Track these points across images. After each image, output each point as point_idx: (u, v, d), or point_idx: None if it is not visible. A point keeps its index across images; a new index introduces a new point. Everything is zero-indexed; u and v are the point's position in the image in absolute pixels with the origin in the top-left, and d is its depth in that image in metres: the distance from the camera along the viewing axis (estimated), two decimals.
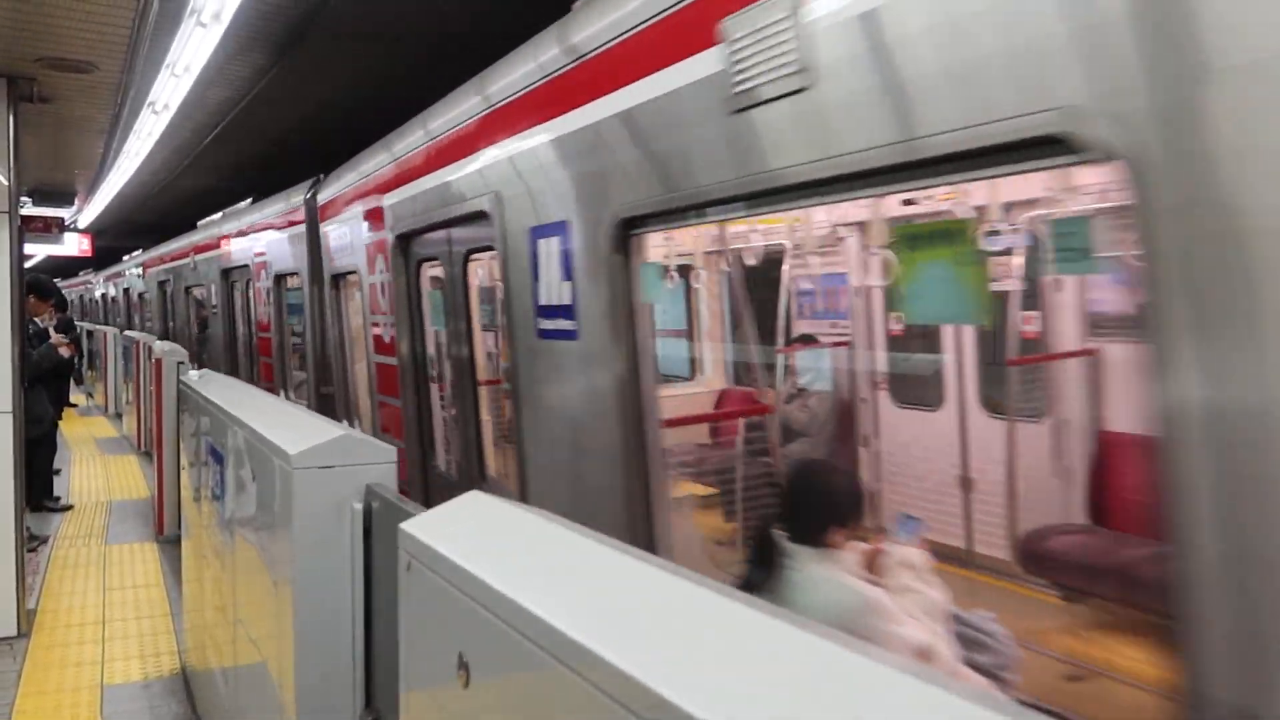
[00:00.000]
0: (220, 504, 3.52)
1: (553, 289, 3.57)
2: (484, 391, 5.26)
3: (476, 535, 1.69)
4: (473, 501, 1.87)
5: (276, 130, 9.41)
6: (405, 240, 5.34)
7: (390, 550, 1.91)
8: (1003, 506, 4.95)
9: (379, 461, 2.43)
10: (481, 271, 5.46)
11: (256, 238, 8.93)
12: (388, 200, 5.44)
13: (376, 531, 2.32)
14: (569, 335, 3.49)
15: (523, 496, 3.90)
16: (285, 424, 2.87)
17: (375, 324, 5.92)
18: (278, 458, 2.53)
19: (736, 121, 2.52)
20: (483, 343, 5.38)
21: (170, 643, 5.22)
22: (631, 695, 1.03)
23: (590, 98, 3.22)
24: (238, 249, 9.76)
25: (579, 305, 3.40)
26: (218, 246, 10.75)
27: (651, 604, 1.27)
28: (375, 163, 5.71)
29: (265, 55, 6.80)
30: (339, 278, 6.79)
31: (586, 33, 3.26)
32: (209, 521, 3.80)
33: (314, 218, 7.15)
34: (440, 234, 4.92)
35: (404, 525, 1.79)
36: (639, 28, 2.96)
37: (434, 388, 5.54)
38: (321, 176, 7.12)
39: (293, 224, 7.75)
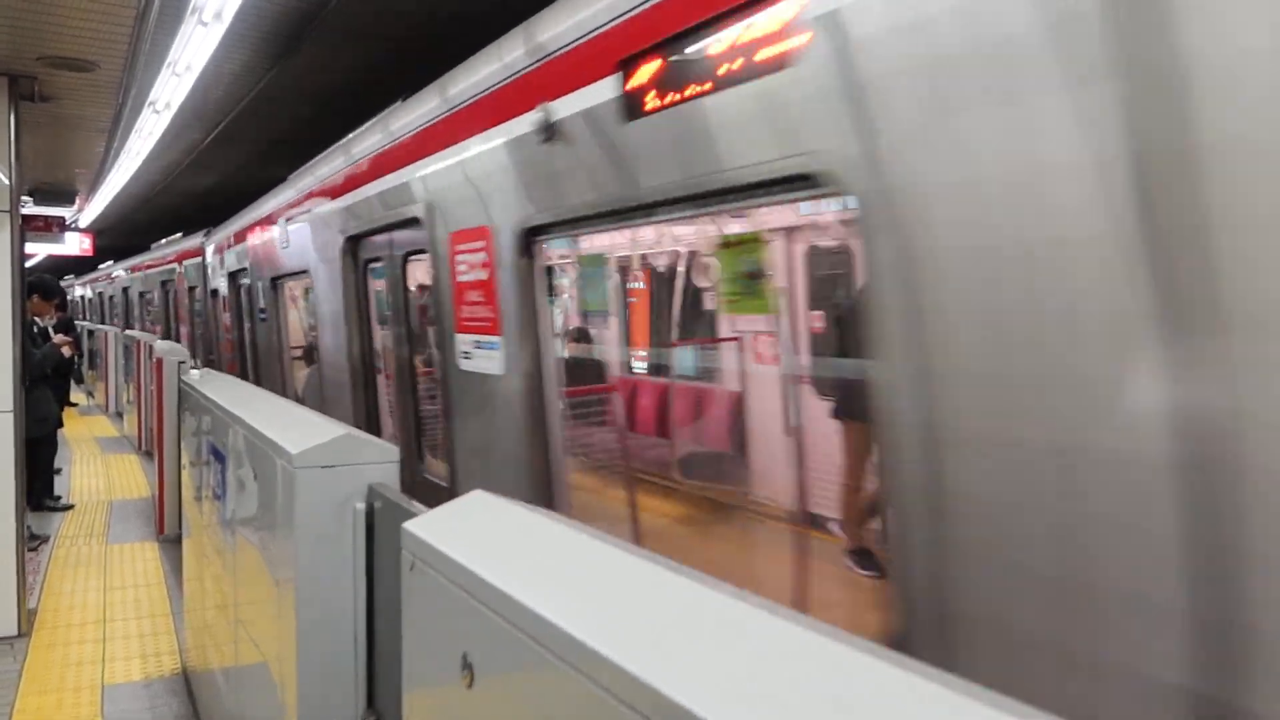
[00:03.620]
0: (221, 503, 3.52)
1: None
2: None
3: (480, 535, 1.68)
4: (477, 501, 1.87)
5: (278, 129, 9.41)
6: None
7: (392, 550, 1.91)
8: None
9: (381, 461, 2.42)
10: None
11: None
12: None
13: (379, 531, 2.31)
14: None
15: (451, 468, 4.66)
16: (287, 423, 2.86)
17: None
18: (279, 457, 2.53)
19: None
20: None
21: (171, 642, 5.21)
22: (637, 697, 1.02)
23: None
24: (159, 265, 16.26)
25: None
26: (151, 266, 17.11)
27: (657, 604, 1.26)
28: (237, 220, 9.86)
29: (266, 54, 6.80)
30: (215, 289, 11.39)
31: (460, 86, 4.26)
32: (210, 521, 3.80)
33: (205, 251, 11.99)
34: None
35: (407, 525, 1.78)
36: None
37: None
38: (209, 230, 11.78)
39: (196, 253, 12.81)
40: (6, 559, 5.30)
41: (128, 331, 13.96)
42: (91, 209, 13.77)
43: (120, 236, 19.34)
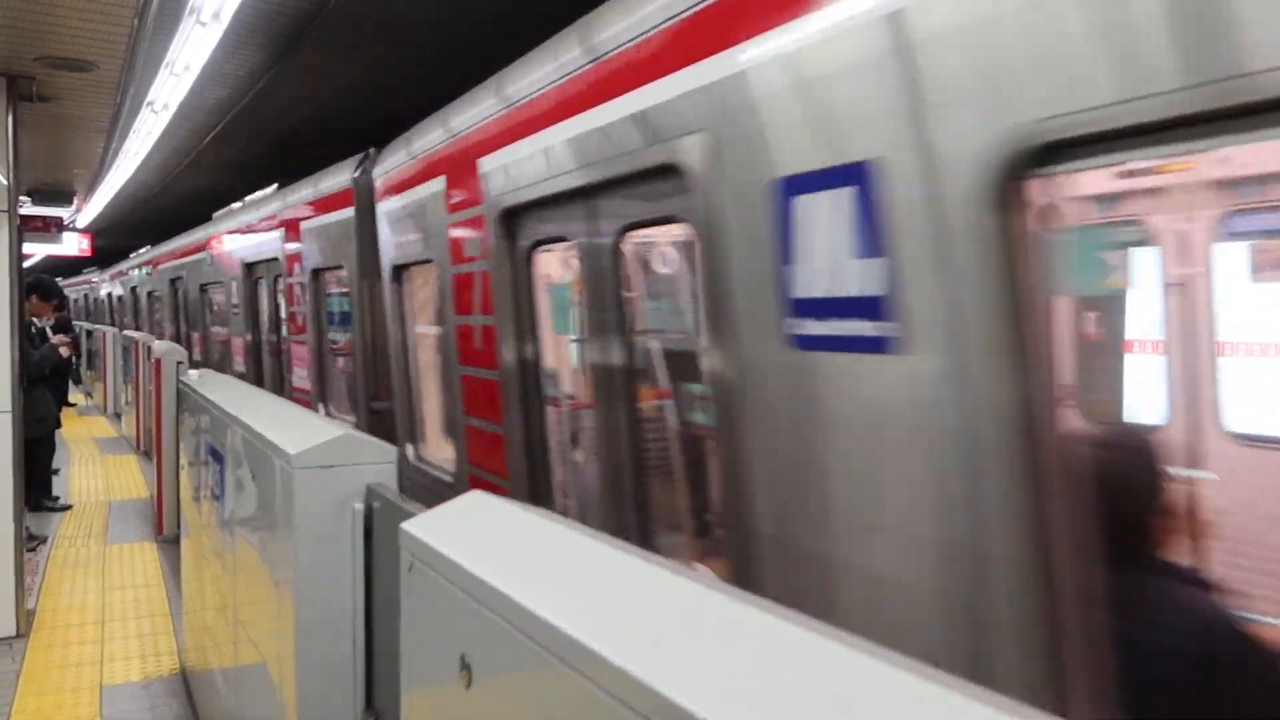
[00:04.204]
0: (220, 504, 3.52)
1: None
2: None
3: (479, 535, 1.68)
4: (475, 501, 1.87)
5: (277, 130, 9.40)
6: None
7: (391, 550, 1.91)
8: None
9: (380, 461, 2.42)
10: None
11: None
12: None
13: (377, 531, 2.31)
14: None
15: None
16: (285, 423, 2.86)
17: None
18: (278, 457, 2.53)
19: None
20: None
21: (170, 643, 5.21)
22: (636, 697, 1.02)
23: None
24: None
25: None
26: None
27: (655, 604, 1.26)
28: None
29: (265, 54, 6.80)
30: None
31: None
32: (209, 521, 3.80)
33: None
34: None
35: (405, 525, 1.78)
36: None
37: None
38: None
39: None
40: (5, 560, 5.29)
41: (126, 333, 13.95)
42: (90, 209, 13.76)
43: (118, 237, 19.33)
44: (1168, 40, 1.49)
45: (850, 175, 2.09)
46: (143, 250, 17.40)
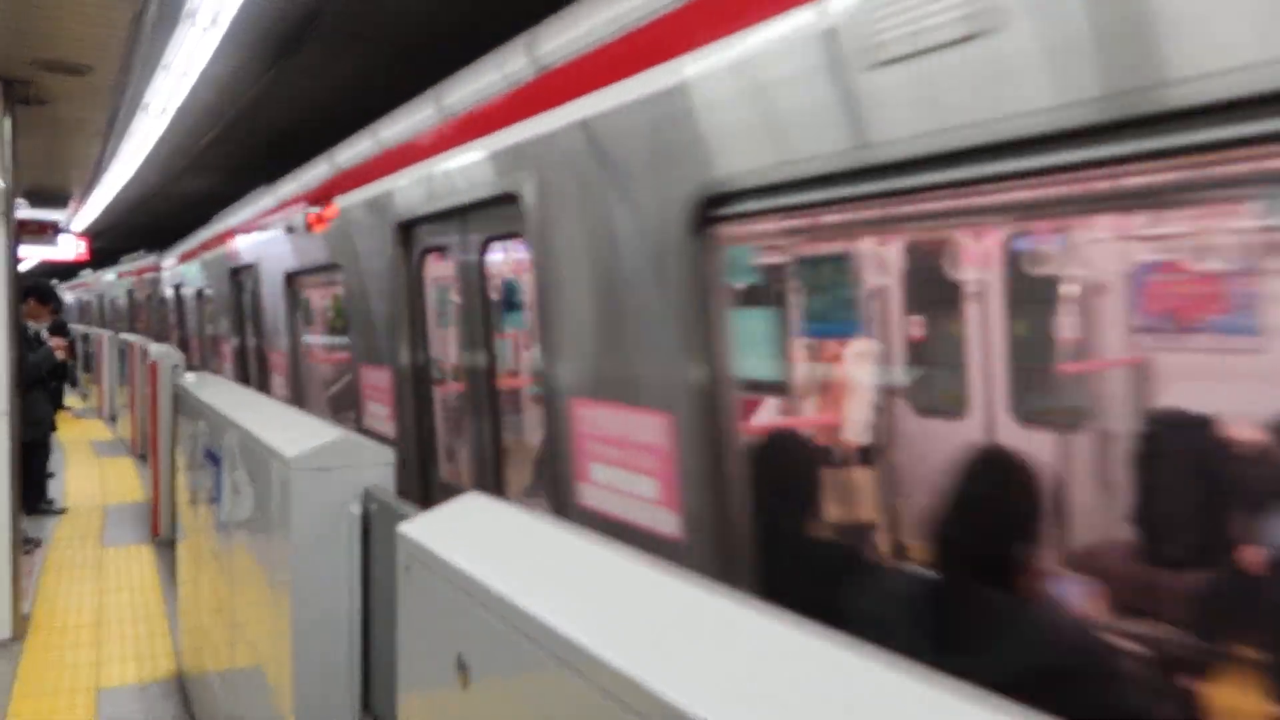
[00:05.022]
0: (217, 507, 3.52)
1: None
2: None
3: (475, 537, 1.69)
4: (472, 503, 1.87)
5: (275, 133, 9.41)
6: None
7: (388, 552, 1.91)
8: None
9: (377, 464, 2.43)
10: None
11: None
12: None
13: (374, 534, 2.31)
14: None
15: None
16: (282, 426, 2.87)
17: None
18: (275, 460, 2.53)
19: None
20: None
21: (166, 645, 5.21)
22: (632, 697, 1.03)
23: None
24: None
25: None
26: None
27: (651, 606, 1.27)
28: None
29: (263, 58, 6.81)
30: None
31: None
32: (206, 524, 3.80)
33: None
34: None
35: (402, 527, 1.79)
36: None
37: None
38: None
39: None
40: (0, 563, 5.29)
41: (123, 335, 13.94)
42: (86, 212, 13.75)
43: (115, 240, 19.32)
44: None
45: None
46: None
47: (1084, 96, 1.59)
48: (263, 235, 7.42)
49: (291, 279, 6.83)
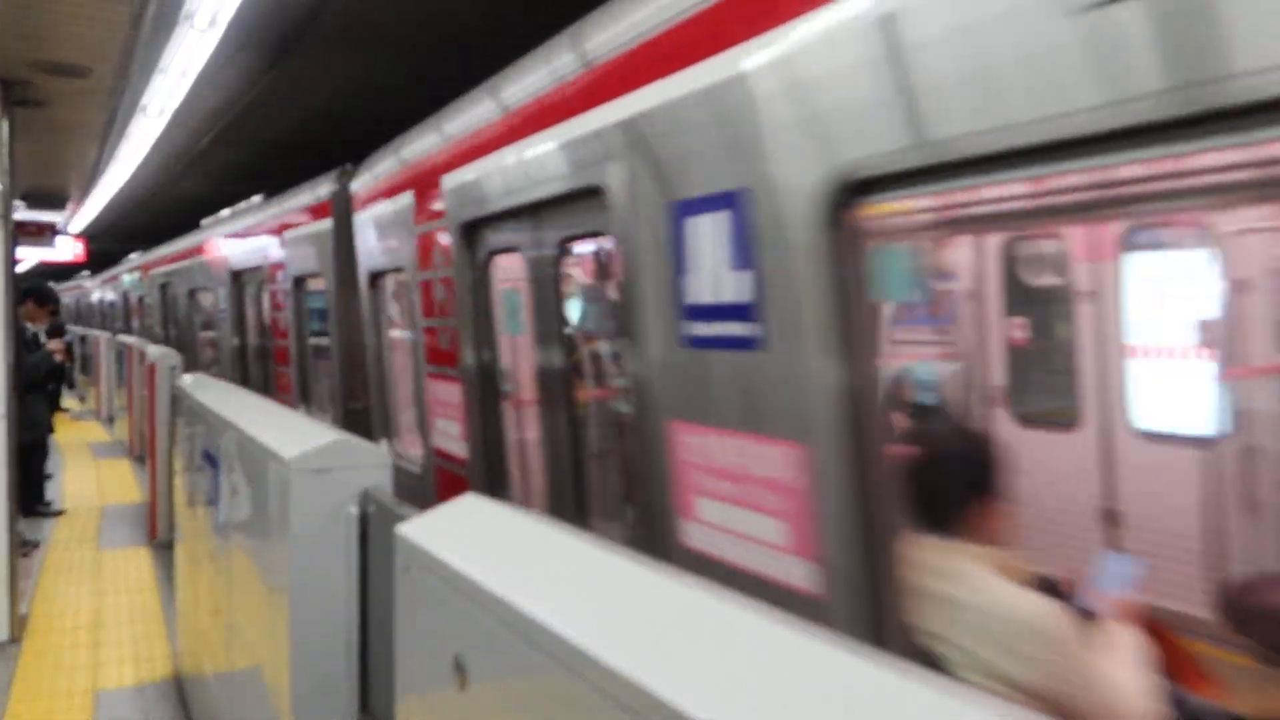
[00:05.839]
0: (215, 508, 3.52)
1: None
2: None
3: (473, 538, 1.69)
4: (470, 505, 1.87)
5: (273, 134, 9.41)
6: None
7: (386, 554, 1.91)
8: None
9: (375, 465, 2.43)
10: None
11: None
12: None
13: (372, 535, 2.31)
14: None
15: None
16: (280, 427, 2.87)
17: None
18: (274, 461, 2.53)
19: None
20: None
21: (164, 647, 5.20)
22: (630, 698, 1.03)
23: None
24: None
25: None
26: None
27: (649, 607, 1.27)
28: None
29: (261, 59, 6.81)
30: None
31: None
32: (203, 526, 3.80)
33: None
34: None
35: (400, 529, 1.79)
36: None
37: None
38: None
39: None
40: None
41: (120, 337, 13.93)
42: (84, 214, 13.74)
43: (113, 241, 19.31)
44: None
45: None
46: None
47: None
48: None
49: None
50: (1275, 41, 1.38)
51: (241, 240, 9.13)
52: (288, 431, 2.75)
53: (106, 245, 19.50)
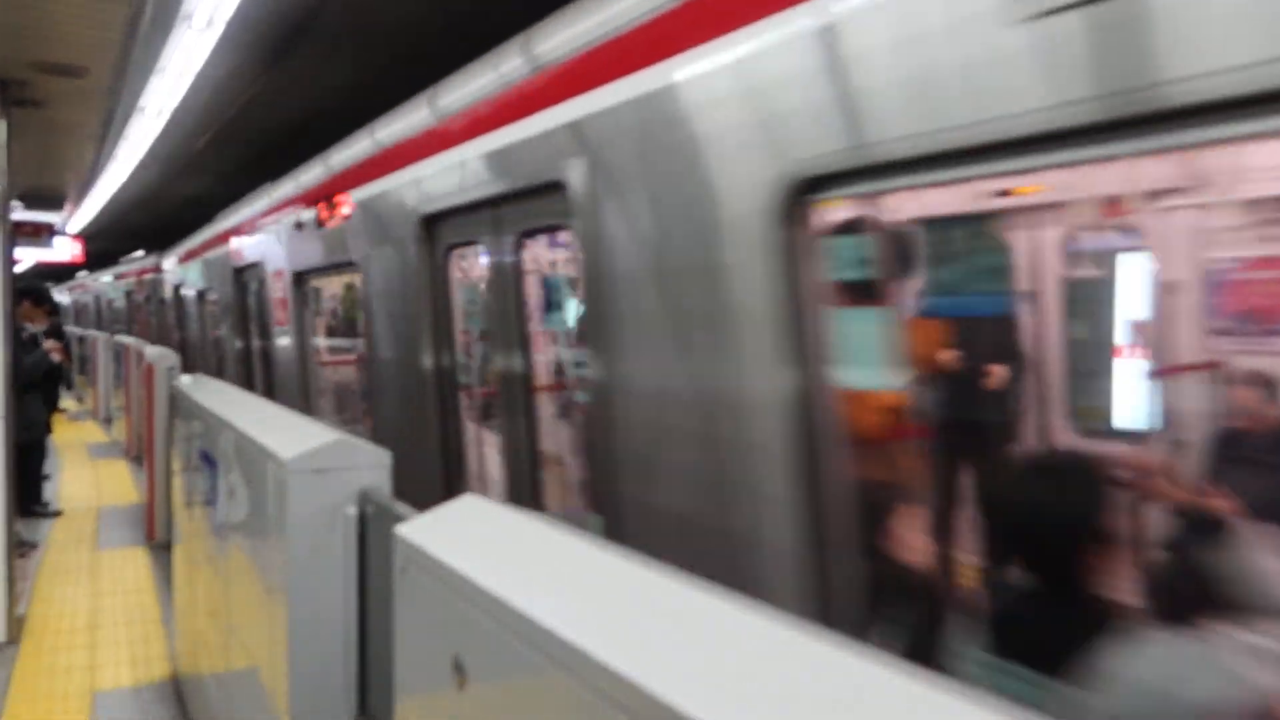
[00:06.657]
0: (212, 509, 3.51)
1: None
2: None
3: (472, 539, 1.69)
4: (468, 505, 1.87)
5: (272, 134, 9.40)
6: None
7: (384, 554, 1.91)
8: None
9: (374, 465, 2.42)
10: None
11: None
12: None
13: (371, 536, 2.31)
14: None
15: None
16: (278, 428, 2.86)
17: None
18: (271, 462, 2.53)
19: None
20: None
21: (162, 648, 5.19)
22: (629, 698, 1.03)
23: None
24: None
25: None
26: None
27: (648, 607, 1.27)
28: None
29: (259, 60, 6.80)
30: None
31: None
32: (201, 526, 3.79)
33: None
34: None
35: (398, 529, 1.78)
36: None
37: None
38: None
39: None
40: None
41: (117, 338, 13.91)
42: (82, 214, 13.73)
43: (111, 242, 19.29)
44: None
45: None
46: None
47: None
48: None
49: None
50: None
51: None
52: (285, 432, 2.74)
53: (104, 246, 19.48)
